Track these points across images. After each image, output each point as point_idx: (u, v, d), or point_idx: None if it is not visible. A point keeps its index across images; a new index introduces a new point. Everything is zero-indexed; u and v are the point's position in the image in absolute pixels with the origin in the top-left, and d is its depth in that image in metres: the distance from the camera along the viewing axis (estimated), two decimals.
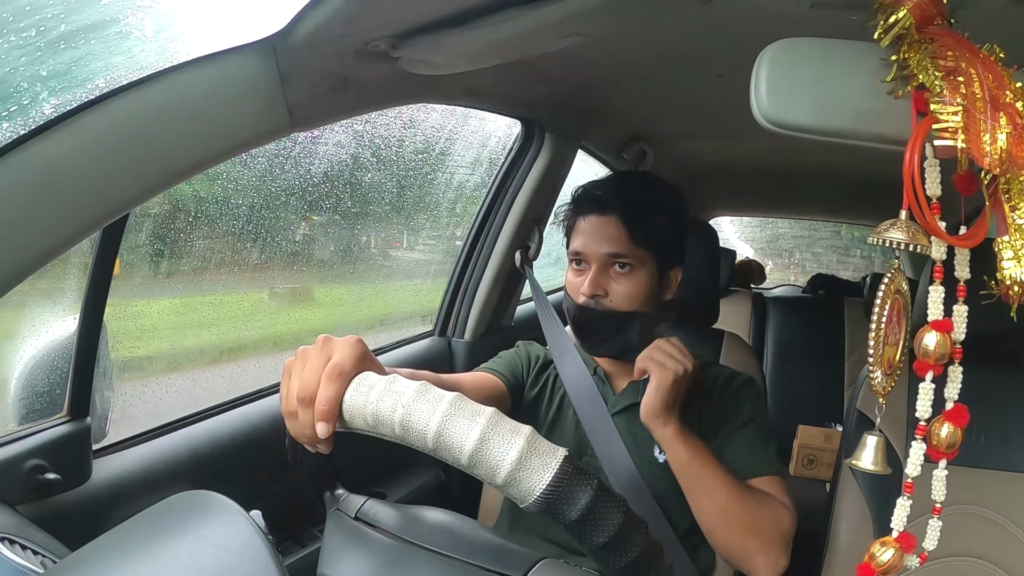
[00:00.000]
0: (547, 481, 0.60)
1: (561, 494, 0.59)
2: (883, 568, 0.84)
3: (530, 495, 0.60)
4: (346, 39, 1.08)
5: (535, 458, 0.60)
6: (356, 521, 0.83)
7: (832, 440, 2.72)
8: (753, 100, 0.81)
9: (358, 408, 0.69)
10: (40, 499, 1.10)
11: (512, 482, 0.60)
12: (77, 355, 1.17)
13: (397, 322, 2.59)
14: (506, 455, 0.60)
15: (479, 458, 0.61)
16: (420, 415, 0.64)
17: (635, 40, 1.45)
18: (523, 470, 0.60)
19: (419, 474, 1.89)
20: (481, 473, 0.62)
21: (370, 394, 0.68)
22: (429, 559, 0.76)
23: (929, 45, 0.75)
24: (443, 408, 0.64)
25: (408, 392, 0.66)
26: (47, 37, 1.02)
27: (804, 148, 2.38)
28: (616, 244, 1.32)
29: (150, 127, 0.97)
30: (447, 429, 0.63)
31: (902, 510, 0.85)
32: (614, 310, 1.33)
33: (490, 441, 0.61)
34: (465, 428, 0.62)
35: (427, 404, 0.65)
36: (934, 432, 0.83)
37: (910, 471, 0.83)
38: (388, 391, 0.67)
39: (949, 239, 0.76)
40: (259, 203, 1.88)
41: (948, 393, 0.84)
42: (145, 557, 0.64)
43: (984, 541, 1.37)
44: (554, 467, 0.60)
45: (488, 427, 0.62)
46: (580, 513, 0.59)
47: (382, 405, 0.67)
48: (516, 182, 2.13)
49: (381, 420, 0.67)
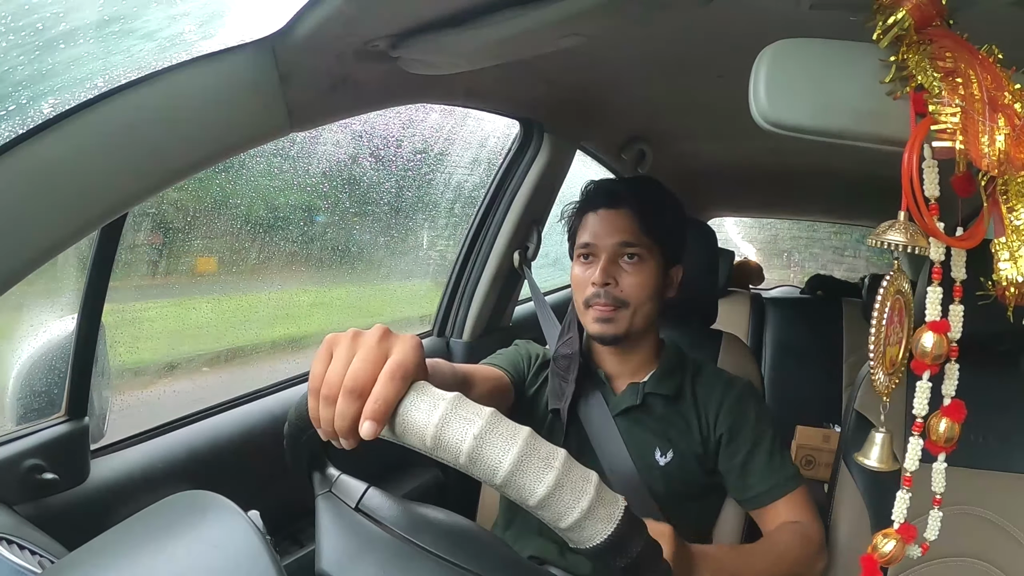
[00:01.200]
0: (609, 533, 0.59)
1: (616, 545, 0.59)
2: (886, 559, 0.85)
3: (589, 542, 0.59)
4: (345, 39, 1.08)
5: (600, 508, 0.59)
6: (357, 513, 0.78)
7: (830, 441, 2.72)
8: (752, 101, 0.81)
9: (419, 424, 0.62)
10: (38, 499, 1.10)
11: (576, 528, 0.59)
12: (75, 355, 1.16)
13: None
14: (542, 480, 0.59)
15: (511, 479, 0.59)
16: (494, 452, 0.59)
17: (634, 41, 1.45)
18: (589, 519, 0.59)
19: (417, 473, 1.88)
20: (511, 493, 0.60)
21: (432, 413, 0.61)
22: (444, 570, 0.71)
23: (928, 46, 0.75)
24: (492, 432, 0.60)
25: (478, 422, 0.60)
26: (46, 36, 1.02)
27: (803, 149, 2.38)
28: (627, 234, 1.34)
29: (149, 127, 0.97)
30: (486, 449, 0.59)
31: (902, 503, 0.86)
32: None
33: (528, 461, 0.59)
34: (503, 448, 0.59)
35: (502, 440, 0.60)
36: (932, 427, 0.85)
37: (908, 465, 0.85)
38: (455, 415, 0.61)
39: (947, 240, 0.76)
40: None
41: (945, 390, 0.85)
42: (143, 557, 0.64)
43: (982, 542, 1.37)
44: (617, 518, 0.59)
45: (524, 447, 0.59)
46: (630, 561, 0.59)
47: (449, 430, 0.60)
48: (515, 182, 2.13)
49: (444, 445, 0.61)
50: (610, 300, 1.33)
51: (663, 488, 1.33)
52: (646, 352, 1.43)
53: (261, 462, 1.38)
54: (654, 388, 1.39)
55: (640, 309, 1.35)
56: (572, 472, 0.59)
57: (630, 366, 1.42)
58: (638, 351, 1.42)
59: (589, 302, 1.35)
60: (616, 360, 1.44)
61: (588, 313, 1.36)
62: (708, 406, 1.38)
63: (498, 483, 0.59)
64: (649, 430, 1.37)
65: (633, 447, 1.35)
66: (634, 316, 1.35)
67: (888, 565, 0.87)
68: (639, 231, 1.34)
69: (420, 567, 0.71)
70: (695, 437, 1.36)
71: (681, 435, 1.36)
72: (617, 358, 1.44)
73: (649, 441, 1.35)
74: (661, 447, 1.35)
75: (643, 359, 1.43)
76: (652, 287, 1.36)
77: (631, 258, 1.34)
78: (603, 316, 1.34)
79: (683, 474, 1.35)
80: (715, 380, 1.43)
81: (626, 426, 1.38)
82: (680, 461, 1.35)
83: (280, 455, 0.85)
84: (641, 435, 1.36)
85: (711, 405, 1.38)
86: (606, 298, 1.33)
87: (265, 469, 1.35)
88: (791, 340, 3.54)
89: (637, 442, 1.36)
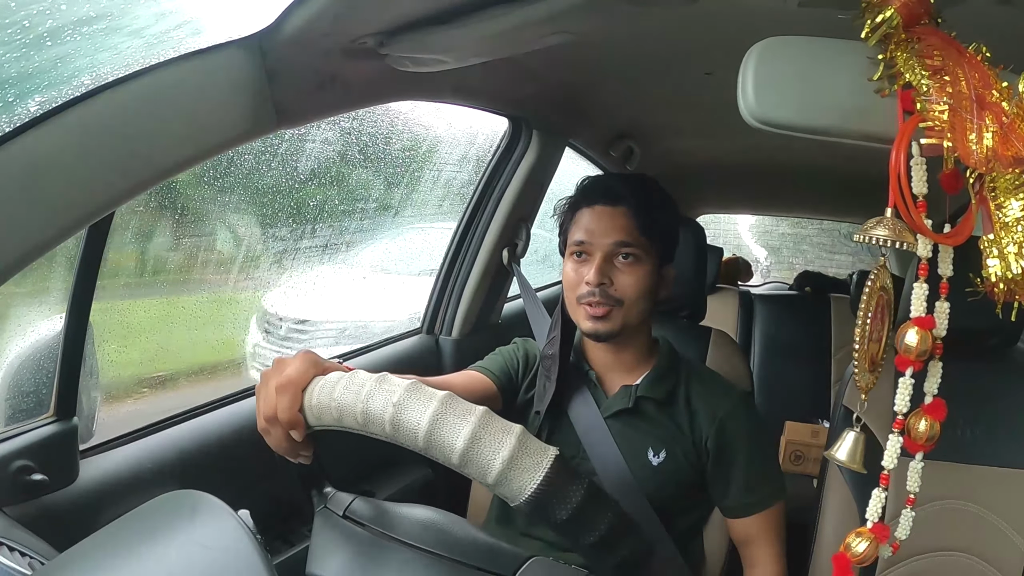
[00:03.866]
0: (538, 480, 0.60)
1: (552, 493, 0.60)
2: (858, 558, 0.86)
3: (521, 494, 0.60)
4: (333, 36, 1.08)
5: (526, 457, 0.61)
6: (344, 519, 0.83)
7: (819, 436, 2.73)
8: (740, 98, 0.81)
9: (323, 406, 0.74)
10: (27, 500, 1.09)
11: (503, 481, 0.61)
12: (63, 355, 1.16)
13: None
14: (497, 454, 0.60)
15: (470, 457, 0.62)
16: (412, 415, 0.65)
17: (622, 38, 1.45)
18: (514, 469, 0.60)
19: (408, 472, 1.88)
20: (472, 472, 0.63)
21: (344, 396, 0.72)
22: (418, 557, 0.76)
23: (916, 44, 0.76)
24: (434, 407, 0.64)
25: (368, 385, 0.70)
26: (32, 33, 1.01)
27: (791, 146, 2.39)
28: (624, 233, 1.32)
29: (136, 124, 0.96)
30: (438, 430, 0.63)
31: (877, 501, 0.86)
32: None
33: (481, 440, 0.61)
34: (456, 427, 0.62)
35: (419, 403, 0.65)
36: (912, 426, 0.85)
37: (886, 463, 0.85)
38: (349, 386, 0.72)
39: (935, 237, 0.76)
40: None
41: (927, 387, 0.86)
42: (133, 558, 0.64)
43: (969, 535, 1.38)
44: (545, 466, 0.60)
45: (479, 426, 0.62)
46: (570, 513, 0.59)
47: (346, 399, 0.71)
48: (503, 180, 2.13)
49: (345, 412, 0.71)
50: (605, 299, 1.32)
51: (656, 488, 1.33)
52: (639, 350, 1.42)
53: (251, 461, 1.36)
54: (646, 392, 1.38)
55: (634, 307, 1.34)
56: (491, 425, 0.63)
57: (622, 364, 1.42)
58: (630, 348, 1.41)
59: (582, 300, 1.34)
60: (608, 357, 1.43)
61: (580, 310, 1.35)
62: (701, 414, 1.37)
63: (421, 445, 0.65)
64: (641, 431, 1.37)
65: (625, 448, 1.35)
66: (628, 314, 1.33)
67: (861, 564, 0.87)
68: (636, 231, 1.32)
69: (401, 560, 0.77)
70: (686, 440, 1.35)
71: (673, 437, 1.36)
72: (609, 355, 1.42)
73: (641, 441, 1.35)
74: (654, 447, 1.35)
75: (636, 357, 1.42)
76: (647, 287, 1.34)
77: (627, 258, 1.33)
78: (597, 314, 1.32)
79: (676, 474, 1.34)
80: (710, 387, 1.41)
81: (618, 428, 1.37)
82: (673, 461, 1.34)
83: (270, 454, 0.86)
84: (633, 435, 1.35)
85: (704, 413, 1.36)
86: (601, 296, 1.31)
87: (255, 468, 1.34)
88: (780, 336, 3.55)
89: (629, 443, 1.35)
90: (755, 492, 1.34)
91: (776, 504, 1.35)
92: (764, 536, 1.34)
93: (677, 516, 1.35)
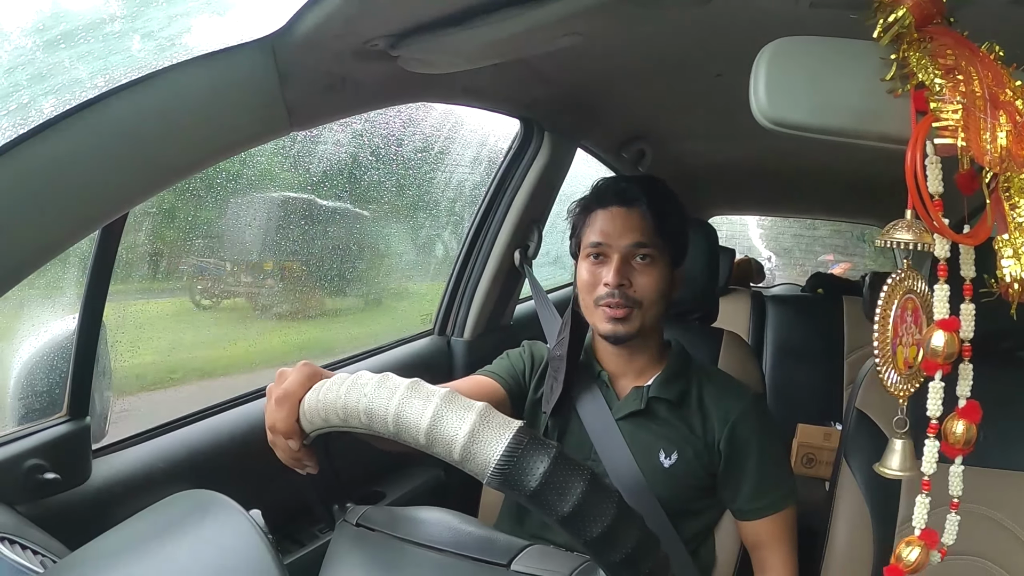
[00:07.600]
0: (501, 450, 0.60)
1: (516, 464, 0.60)
2: (911, 567, 0.83)
3: (486, 468, 0.60)
4: (345, 38, 1.08)
5: (488, 430, 0.61)
6: (357, 527, 0.85)
7: (831, 439, 2.71)
8: (752, 99, 0.80)
9: (313, 409, 0.76)
10: (40, 499, 1.10)
11: (468, 456, 0.61)
12: (76, 354, 1.16)
13: None
14: (459, 430, 0.61)
15: (434, 436, 0.63)
16: (380, 402, 0.66)
17: (633, 39, 1.45)
18: (477, 442, 0.61)
19: (418, 474, 1.89)
20: (439, 451, 0.63)
21: (327, 395, 0.74)
22: (419, 552, 0.77)
23: (928, 44, 0.75)
24: (401, 392, 0.66)
25: (354, 382, 0.71)
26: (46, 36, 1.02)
27: (803, 147, 2.37)
28: (640, 234, 1.32)
29: (149, 126, 0.97)
30: (404, 411, 0.65)
31: (922, 508, 0.84)
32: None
33: (443, 418, 0.63)
34: (420, 408, 0.64)
35: (386, 391, 0.67)
36: (949, 430, 0.82)
37: (926, 469, 0.83)
38: (331, 387, 0.74)
39: (955, 237, 0.75)
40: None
41: (960, 391, 0.83)
42: (145, 556, 0.64)
43: (984, 540, 1.37)
44: (507, 437, 0.60)
45: (441, 405, 0.63)
46: (540, 482, 0.59)
47: (328, 398, 0.73)
48: (515, 181, 2.13)
49: (331, 411, 0.73)
50: (624, 300, 1.31)
51: (668, 490, 1.32)
52: (651, 352, 1.42)
53: (262, 461, 1.36)
54: (658, 392, 1.37)
55: (652, 308, 1.33)
56: (453, 403, 0.64)
57: (635, 366, 1.41)
58: (644, 351, 1.41)
59: (600, 302, 1.34)
60: (621, 360, 1.42)
61: (598, 312, 1.34)
62: (713, 416, 1.36)
63: (391, 430, 0.66)
64: (653, 433, 1.36)
65: (637, 449, 1.34)
66: (646, 315, 1.33)
67: (914, 573, 0.84)
68: (652, 231, 1.33)
69: (403, 555, 0.79)
70: (698, 442, 1.35)
71: (685, 439, 1.35)
72: (622, 358, 1.42)
73: (653, 443, 1.34)
74: (665, 449, 1.34)
75: (648, 360, 1.42)
76: (663, 287, 1.34)
77: (644, 259, 1.32)
78: (617, 316, 1.32)
79: (688, 476, 1.34)
80: (722, 389, 1.40)
81: (629, 430, 1.36)
82: (685, 463, 1.34)
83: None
84: (645, 437, 1.35)
85: (716, 416, 1.36)
86: (620, 298, 1.31)
87: (266, 468, 1.35)
88: (792, 338, 3.53)
89: (640, 444, 1.35)
90: (766, 495, 1.33)
91: (787, 507, 1.34)
92: (775, 539, 1.33)
93: (688, 518, 1.34)
